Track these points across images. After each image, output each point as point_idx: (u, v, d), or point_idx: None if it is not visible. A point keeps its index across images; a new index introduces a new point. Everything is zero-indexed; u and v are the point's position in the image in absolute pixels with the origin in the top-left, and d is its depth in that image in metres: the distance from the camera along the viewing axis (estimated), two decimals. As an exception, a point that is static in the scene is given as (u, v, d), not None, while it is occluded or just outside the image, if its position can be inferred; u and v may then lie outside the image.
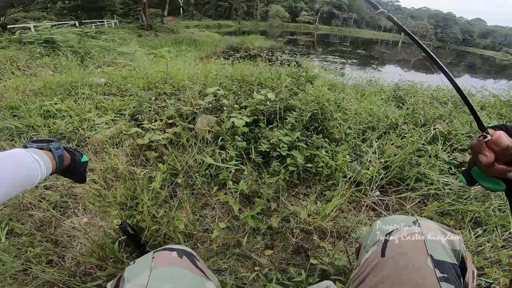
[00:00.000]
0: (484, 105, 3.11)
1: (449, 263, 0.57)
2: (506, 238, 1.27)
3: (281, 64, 3.20)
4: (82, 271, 1.08)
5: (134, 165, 1.58)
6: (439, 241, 0.61)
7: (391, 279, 0.56)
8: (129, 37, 11.03)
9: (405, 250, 0.59)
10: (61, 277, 1.01)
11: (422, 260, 0.57)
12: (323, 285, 0.60)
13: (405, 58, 23.53)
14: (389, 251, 0.61)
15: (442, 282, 0.53)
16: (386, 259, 0.60)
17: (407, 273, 0.56)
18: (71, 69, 3.76)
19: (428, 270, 0.55)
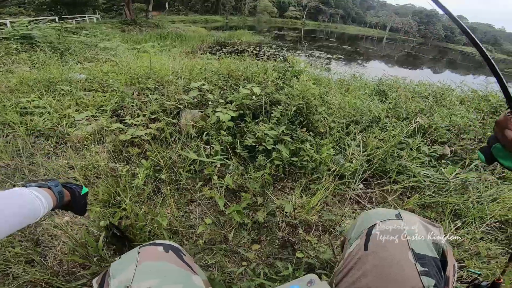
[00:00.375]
0: (463, 100, 3.22)
1: (430, 257, 0.58)
2: (484, 231, 1.32)
3: (268, 59, 3.19)
4: (65, 270, 1.06)
5: (116, 161, 1.54)
6: (421, 235, 0.61)
7: (373, 273, 0.57)
8: (112, 33, 10.69)
9: (387, 244, 0.60)
10: (43, 276, 0.99)
11: (404, 254, 0.58)
12: (308, 278, 0.60)
13: (389, 54, 24.03)
14: (372, 245, 0.61)
15: (423, 276, 0.54)
16: (369, 253, 0.61)
17: (389, 267, 0.56)
18: (49, 65, 3.60)
19: (409, 264, 0.56)
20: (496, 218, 1.40)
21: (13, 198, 0.55)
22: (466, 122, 2.27)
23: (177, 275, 0.58)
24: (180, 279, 0.57)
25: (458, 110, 2.58)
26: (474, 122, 2.31)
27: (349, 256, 0.65)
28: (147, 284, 0.52)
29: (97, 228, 1.17)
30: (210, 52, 7.84)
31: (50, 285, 0.98)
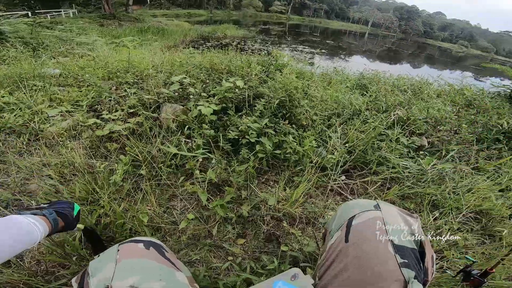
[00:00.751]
0: (440, 93, 3.35)
1: (409, 248, 0.58)
2: (460, 221, 1.37)
3: (253, 53, 3.17)
4: (44, 270, 1.02)
5: (93, 158, 1.49)
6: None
7: (354, 265, 0.57)
8: (89, 27, 10.25)
9: (367, 235, 0.60)
10: (21, 277, 0.95)
11: (383, 245, 0.58)
12: (291, 272, 0.61)
13: (371, 49, 24.52)
14: (352, 236, 0.62)
15: (403, 268, 0.55)
16: (350, 244, 0.61)
17: (369, 259, 0.57)
18: (20, 61, 3.41)
19: (389, 256, 0.56)
20: (471, 208, 1.46)
21: (12, 228, 0.58)
22: (443, 115, 2.37)
23: (159, 272, 0.56)
24: (162, 276, 0.56)
25: (435, 103, 2.68)
26: (450, 114, 2.41)
27: (331, 248, 0.65)
28: (128, 282, 0.51)
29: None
30: (193, 47, 7.69)
31: (29, 286, 0.95)
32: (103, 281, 0.51)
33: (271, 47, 9.36)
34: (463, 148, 1.99)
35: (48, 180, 1.35)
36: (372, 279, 0.55)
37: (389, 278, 0.54)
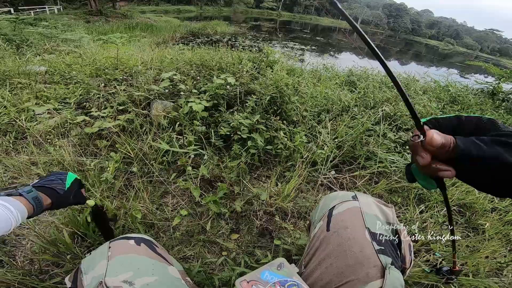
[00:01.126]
0: (426, 90, 3.43)
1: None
2: (445, 214, 1.41)
3: (244, 49, 3.16)
4: (38, 269, 1.01)
5: (83, 155, 1.47)
6: (375, 215, 0.65)
7: (335, 252, 0.61)
8: (75, 24, 9.97)
9: (346, 224, 0.63)
10: (15, 276, 0.94)
11: (361, 233, 0.61)
12: (277, 262, 0.63)
13: (360, 46, 24.76)
14: (333, 225, 0.65)
15: (380, 254, 0.58)
16: (331, 233, 0.64)
17: (349, 246, 0.60)
18: (4, 58, 3.30)
19: (366, 243, 0.60)
20: (455, 202, 1.52)
21: None
22: (428, 111, 2.44)
23: (151, 267, 0.57)
24: (154, 270, 0.57)
25: (421, 99, 2.75)
26: (435, 110, 2.48)
27: (314, 237, 0.69)
28: (121, 278, 0.52)
29: (66, 224, 1.12)
30: (183, 43, 7.60)
31: (24, 285, 0.94)
32: (97, 278, 0.52)
33: (262, 44, 9.35)
34: (448, 142, 2.05)
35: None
36: (352, 265, 0.58)
37: (367, 263, 0.57)
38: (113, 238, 0.63)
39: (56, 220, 1.15)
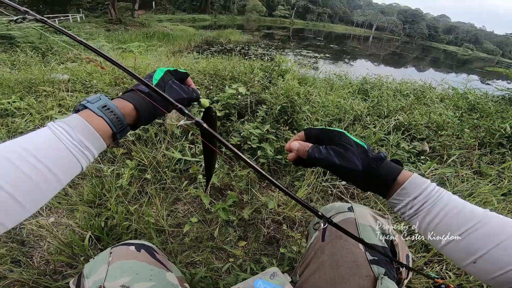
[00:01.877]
0: (443, 97, 3.35)
1: (379, 246, 0.62)
2: None
3: (256, 58, 3.23)
4: (52, 270, 1.06)
5: (100, 162, 1.54)
6: (370, 226, 0.66)
7: (329, 262, 0.62)
8: (96, 32, 10.45)
9: (341, 234, 0.63)
10: (30, 276, 0.99)
11: (355, 243, 0.62)
12: (270, 271, 0.65)
13: (375, 53, 24.50)
14: (328, 236, 0.66)
15: (372, 264, 0.58)
16: (326, 243, 0.65)
17: (342, 256, 0.61)
18: (30, 66, 3.51)
19: (360, 253, 0.61)
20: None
21: (22, 165, 0.34)
22: (444, 119, 2.37)
23: (150, 272, 0.59)
24: (152, 276, 0.58)
25: (437, 107, 2.68)
26: (452, 119, 2.41)
27: (310, 247, 0.70)
28: (120, 282, 0.53)
29: (81, 228, 1.18)
30: (198, 52, 7.80)
31: (38, 284, 0.99)
32: (97, 282, 0.54)
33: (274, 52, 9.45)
34: (465, 152, 1.99)
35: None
36: (345, 275, 0.58)
37: (358, 273, 0.57)
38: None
39: (73, 223, 1.21)
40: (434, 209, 0.42)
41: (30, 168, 0.34)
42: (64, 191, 1.37)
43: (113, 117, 0.44)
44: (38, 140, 0.37)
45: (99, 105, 0.43)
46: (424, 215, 0.43)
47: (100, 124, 0.42)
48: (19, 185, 0.33)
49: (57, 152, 0.37)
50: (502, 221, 0.39)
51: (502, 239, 0.37)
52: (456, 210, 0.41)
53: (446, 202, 0.42)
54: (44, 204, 0.39)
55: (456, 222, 0.41)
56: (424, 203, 0.43)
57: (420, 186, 0.44)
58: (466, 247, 0.39)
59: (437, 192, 0.43)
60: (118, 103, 0.46)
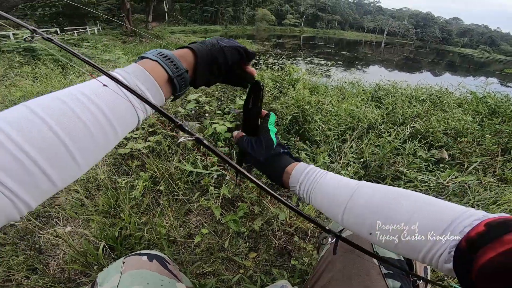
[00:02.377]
0: (461, 102, 3.23)
1: (394, 259, 0.60)
2: None
3: (266, 67, 3.24)
4: (67, 278, 1.08)
5: (115, 174, 1.57)
6: None
7: (340, 275, 0.60)
8: (112, 44, 10.88)
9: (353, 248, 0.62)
10: (45, 283, 1.02)
11: (369, 257, 0.59)
12: (280, 284, 0.63)
13: (388, 58, 24.18)
14: (340, 249, 0.64)
15: (387, 278, 0.56)
16: (337, 256, 0.64)
17: (355, 270, 0.59)
18: (51, 78, 3.69)
19: (373, 267, 0.59)
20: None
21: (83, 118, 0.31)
22: (464, 125, 2.29)
23: (160, 282, 0.59)
24: (163, 286, 0.59)
25: (456, 113, 2.60)
26: (472, 124, 2.32)
27: (321, 260, 0.69)
28: None
29: (96, 237, 1.20)
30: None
31: None
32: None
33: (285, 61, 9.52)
34: (487, 159, 1.91)
35: (74, 194, 1.44)
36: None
37: (372, 287, 0.56)
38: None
39: (88, 233, 1.23)
40: (317, 190, 0.49)
41: (86, 113, 0.31)
42: (80, 201, 1.40)
43: (167, 60, 0.42)
44: (96, 85, 0.34)
45: (155, 53, 0.42)
46: (314, 196, 0.49)
47: (155, 68, 0.40)
48: (71, 130, 0.29)
49: (114, 99, 0.34)
50: (371, 186, 0.43)
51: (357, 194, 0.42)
52: (333, 187, 0.47)
53: (324, 182, 0.49)
54: (97, 162, 0.36)
55: (336, 199, 0.46)
56: (308, 185, 0.50)
57: (303, 170, 0.52)
58: (354, 219, 0.42)
59: (317, 174, 0.50)
60: (176, 52, 0.45)
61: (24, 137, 0.26)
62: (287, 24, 68.02)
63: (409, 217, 0.35)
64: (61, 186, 0.30)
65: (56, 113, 0.29)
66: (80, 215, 1.35)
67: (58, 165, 0.29)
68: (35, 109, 0.29)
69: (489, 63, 37.43)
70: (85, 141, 0.31)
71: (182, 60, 0.44)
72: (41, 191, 0.28)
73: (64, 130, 0.29)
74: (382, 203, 0.39)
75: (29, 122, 0.27)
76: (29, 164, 0.26)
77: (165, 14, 41.35)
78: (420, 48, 51.20)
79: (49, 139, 0.28)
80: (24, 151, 0.26)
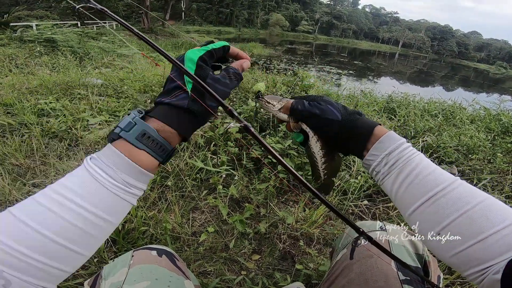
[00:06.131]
0: (474, 119, 3.18)
1: (412, 266, 0.60)
2: None
3: (278, 72, 3.25)
4: None
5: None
6: (403, 245, 0.64)
7: (357, 280, 0.59)
8: (129, 40, 11.07)
9: (371, 254, 0.62)
10: None
11: (387, 263, 0.60)
12: (294, 286, 0.63)
13: (401, 70, 23.95)
14: (357, 254, 0.64)
15: (404, 284, 0.56)
16: (354, 261, 0.63)
17: (372, 275, 0.59)
18: (69, 69, 3.77)
19: (391, 273, 0.58)
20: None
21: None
22: (476, 142, 2.25)
23: (169, 279, 0.58)
24: (171, 283, 0.57)
25: (468, 129, 2.55)
26: (484, 142, 2.28)
27: (336, 264, 0.68)
28: (138, 286, 0.53)
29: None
30: (222, 63, 8.00)
31: None
32: (115, 284, 0.53)
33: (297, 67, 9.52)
34: (497, 177, 1.87)
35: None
36: None
37: None
38: None
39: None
40: (406, 168, 0.41)
41: (74, 216, 0.33)
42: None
43: (155, 147, 0.38)
44: (77, 185, 0.34)
45: (136, 133, 0.36)
46: (397, 173, 0.42)
47: (143, 159, 0.37)
48: (64, 233, 0.32)
49: (100, 196, 0.35)
50: (470, 189, 0.37)
51: (466, 209, 0.35)
52: (426, 172, 0.40)
53: (418, 162, 0.41)
54: (100, 245, 0.39)
55: (425, 185, 0.39)
56: (397, 160, 0.42)
57: (396, 141, 0.44)
58: (433, 214, 0.37)
59: (411, 151, 0.43)
60: (156, 125, 0.38)
61: (23, 245, 0.30)
62: (300, 31, 68.15)
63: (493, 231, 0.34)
64: (72, 271, 0.35)
65: (48, 222, 0.32)
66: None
67: (64, 260, 0.33)
68: (27, 221, 0.32)
69: (504, 80, 36.66)
70: (83, 239, 0.34)
71: (168, 139, 0.39)
72: (56, 277, 0.33)
73: (59, 236, 0.32)
74: (475, 208, 0.35)
75: (24, 233, 0.31)
76: (38, 264, 0.31)
77: (182, 13, 41.95)
78: (435, 62, 50.55)
79: (51, 247, 0.32)
80: (32, 258, 0.31)
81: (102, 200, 0.35)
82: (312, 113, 0.50)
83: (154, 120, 0.39)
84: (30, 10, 18.08)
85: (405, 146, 0.43)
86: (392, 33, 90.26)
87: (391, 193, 0.45)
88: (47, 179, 1.49)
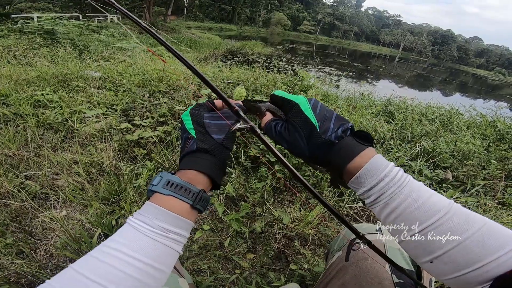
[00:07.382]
0: (470, 125, 3.20)
1: (406, 270, 0.60)
2: None
3: (278, 71, 3.25)
4: (54, 264, 1.06)
5: (120, 160, 1.58)
6: (398, 249, 0.65)
7: (352, 282, 0.60)
8: (129, 34, 11.00)
9: (367, 256, 0.63)
10: (30, 269, 1.00)
11: (381, 266, 0.61)
12: (291, 287, 0.63)
13: (400, 74, 24.03)
14: (352, 256, 0.65)
15: (398, 287, 0.57)
16: (350, 264, 0.64)
17: (367, 278, 0.59)
18: (67, 61, 3.74)
19: (386, 276, 0.59)
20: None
21: None
22: (471, 148, 2.26)
23: None
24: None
25: (464, 135, 2.57)
26: (478, 149, 2.30)
27: (331, 266, 0.68)
28: None
29: (92, 224, 1.19)
30: (222, 60, 7.99)
31: (36, 278, 0.99)
32: None
33: (297, 67, 9.51)
34: (490, 183, 1.90)
35: (76, 177, 1.44)
36: None
37: None
38: None
39: (84, 219, 1.23)
40: (392, 202, 0.38)
41: (136, 272, 0.35)
42: (81, 185, 1.40)
43: (179, 190, 0.41)
44: (117, 235, 0.38)
45: (163, 184, 0.41)
46: (381, 207, 0.39)
47: (173, 204, 0.40)
48: (126, 284, 0.34)
49: (141, 243, 0.37)
50: (465, 217, 0.35)
51: (461, 240, 0.34)
52: (416, 204, 0.37)
53: (407, 194, 0.38)
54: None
55: (415, 218, 0.37)
56: (380, 195, 0.39)
57: (378, 174, 0.38)
58: (424, 245, 0.36)
59: (398, 182, 0.38)
60: (180, 174, 0.43)
61: None
62: (302, 31, 68.09)
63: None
64: None
65: (109, 277, 0.34)
66: (79, 200, 1.33)
67: None
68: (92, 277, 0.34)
69: (502, 86, 36.92)
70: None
71: (191, 181, 0.43)
72: None
73: None
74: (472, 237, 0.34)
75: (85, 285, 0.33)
76: None
77: (184, 9, 41.72)
78: (434, 66, 50.79)
79: None
80: None
81: (143, 247, 0.37)
82: (281, 143, 0.47)
83: (177, 172, 0.45)
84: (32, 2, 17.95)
85: (388, 179, 0.38)
86: (393, 36, 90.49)
87: (379, 220, 0.43)
88: (41, 171, 1.47)
